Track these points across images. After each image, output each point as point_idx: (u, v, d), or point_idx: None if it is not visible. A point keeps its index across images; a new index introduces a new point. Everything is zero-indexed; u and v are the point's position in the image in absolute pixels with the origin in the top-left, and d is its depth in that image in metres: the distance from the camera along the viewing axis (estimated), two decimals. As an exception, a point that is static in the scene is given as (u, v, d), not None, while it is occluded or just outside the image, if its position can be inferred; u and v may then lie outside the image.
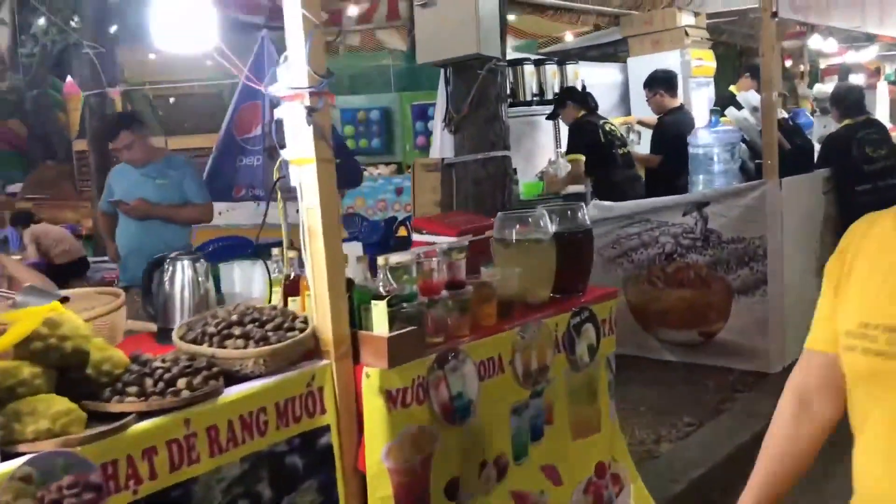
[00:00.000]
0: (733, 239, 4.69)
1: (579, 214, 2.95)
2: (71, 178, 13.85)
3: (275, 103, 6.32)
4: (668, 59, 7.45)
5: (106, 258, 9.31)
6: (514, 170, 5.75)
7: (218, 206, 10.59)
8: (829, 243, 5.20)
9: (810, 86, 9.38)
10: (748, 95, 5.37)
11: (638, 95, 7.39)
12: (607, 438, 2.97)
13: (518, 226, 2.77)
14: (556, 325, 2.74)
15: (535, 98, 5.98)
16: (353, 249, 2.54)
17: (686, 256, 4.87)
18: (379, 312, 2.19)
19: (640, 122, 6.54)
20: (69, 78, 13.95)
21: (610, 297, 3.01)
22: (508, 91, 5.80)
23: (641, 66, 7.67)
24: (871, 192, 4.94)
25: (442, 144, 5.37)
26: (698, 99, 7.44)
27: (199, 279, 2.46)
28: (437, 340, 2.37)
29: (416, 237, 3.26)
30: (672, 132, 5.66)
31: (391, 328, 2.19)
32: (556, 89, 6.19)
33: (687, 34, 7.45)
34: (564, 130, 6.78)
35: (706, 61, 7.71)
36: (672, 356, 5.04)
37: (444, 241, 3.14)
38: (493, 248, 2.82)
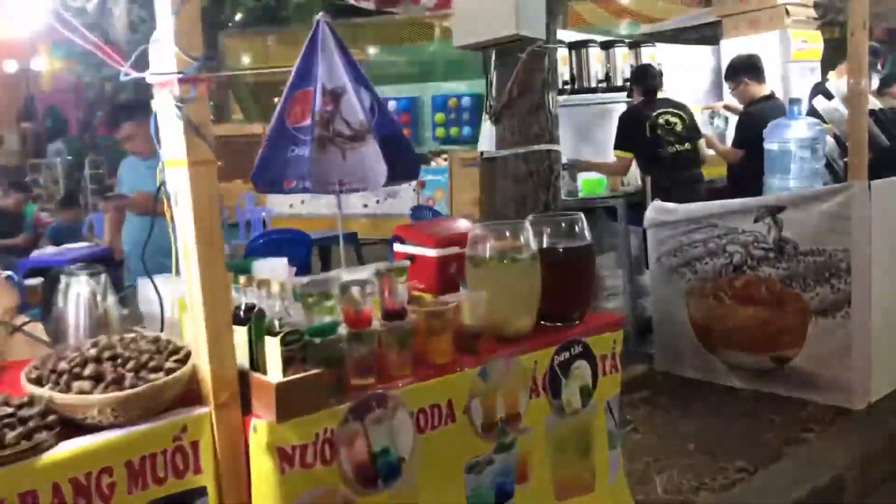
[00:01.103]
0: (812, 251, 4.00)
1: (577, 227, 2.45)
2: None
3: (328, 90, 5.82)
4: (766, 42, 6.68)
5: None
6: (570, 164, 5.22)
7: (292, 198, 10.33)
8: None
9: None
10: (840, 83, 4.62)
11: (734, 81, 6.66)
12: (605, 500, 2.46)
13: (493, 240, 2.29)
14: (534, 362, 2.26)
15: (600, 84, 5.40)
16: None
17: (757, 269, 4.22)
18: (271, 350, 1.78)
19: (728, 108, 5.83)
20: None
21: (613, 327, 2.49)
22: (570, 77, 5.27)
23: (736, 48, 6.89)
24: None
25: (489, 136, 4.90)
26: (802, 87, 6.61)
27: (98, 297, 2.11)
28: (362, 384, 1.94)
29: (397, 248, 2.83)
30: (758, 125, 4.95)
31: (287, 370, 1.77)
32: (628, 74, 5.58)
33: (788, 13, 6.63)
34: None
35: (812, 43, 6.86)
36: (739, 382, 4.39)
37: (426, 252, 2.71)
38: (466, 267, 2.35)
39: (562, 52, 5.26)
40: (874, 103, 4.33)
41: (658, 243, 4.62)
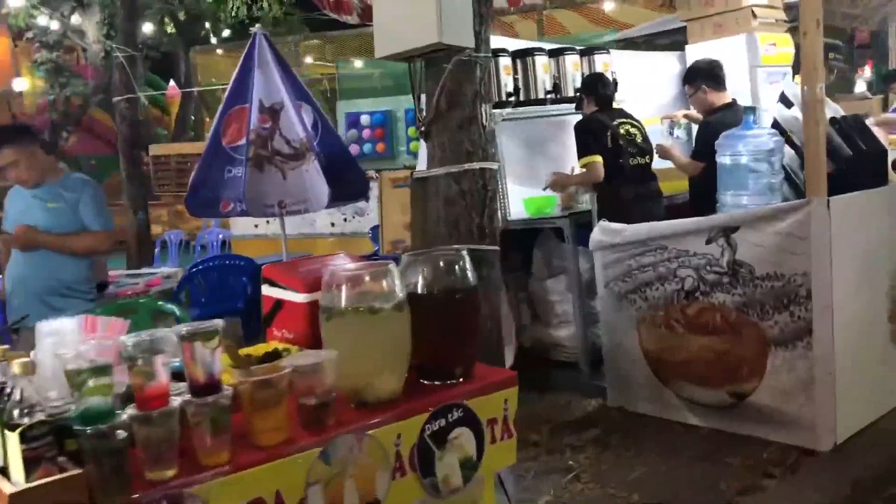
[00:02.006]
0: (769, 275, 3.62)
1: (459, 266, 2.06)
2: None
3: (265, 106, 5.38)
4: (732, 46, 6.32)
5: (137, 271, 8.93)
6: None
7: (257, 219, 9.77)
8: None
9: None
10: (798, 89, 4.24)
11: (697, 89, 6.30)
12: (496, 592, 2.06)
13: (349, 285, 1.90)
14: (398, 435, 1.87)
15: (549, 95, 5.02)
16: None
17: (711, 295, 3.83)
18: (12, 449, 1.39)
19: (688, 117, 5.45)
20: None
21: (505, 384, 2.10)
22: (514, 88, 4.90)
23: (701, 53, 6.52)
24: None
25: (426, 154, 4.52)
26: (771, 94, 6.24)
27: None
28: (159, 478, 1.54)
29: (265, 291, 2.44)
30: (719, 135, 4.57)
31: (33, 473, 1.38)
32: (580, 84, 5.20)
33: (755, 15, 6.27)
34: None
35: (781, 47, 6.49)
36: (696, 419, 4.00)
37: (294, 297, 2.33)
38: (320, 318, 1.96)
39: (505, 62, 4.88)
40: (836, 110, 3.96)
41: (606, 267, 4.24)
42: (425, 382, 2.03)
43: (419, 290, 2.01)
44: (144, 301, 3.49)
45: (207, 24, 17.70)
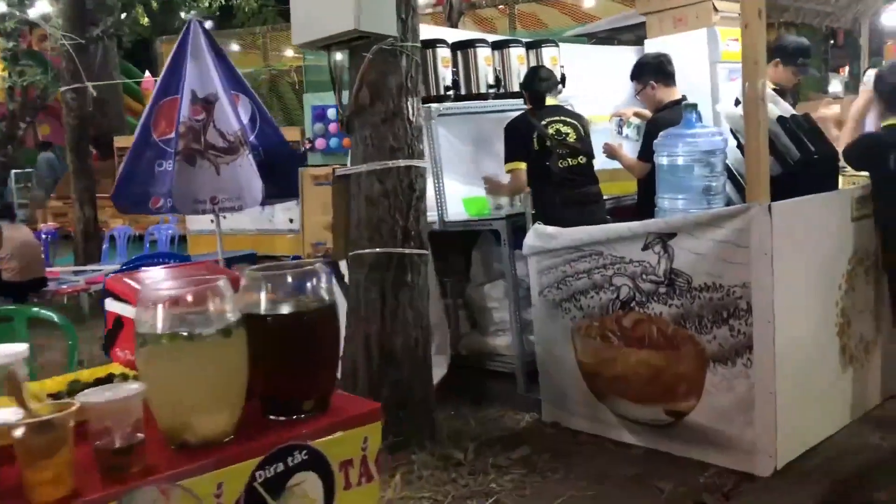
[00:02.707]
0: (707, 286, 3.35)
1: (312, 282, 1.77)
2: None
3: (199, 98, 5.03)
4: (692, 41, 6.06)
5: (86, 268, 8.58)
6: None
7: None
8: (863, 292, 3.78)
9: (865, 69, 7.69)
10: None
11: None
12: None
13: (164, 306, 1.60)
14: (217, 484, 1.58)
15: (491, 90, 4.74)
16: None
17: (647, 306, 3.56)
18: None
19: (638, 115, 5.18)
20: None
21: (366, 419, 1.81)
22: (452, 82, 4.60)
23: (660, 48, 6.28)
24: None
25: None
26: (732, 91, 5.98)
27: None
28: None
29: (108, 306, 2.14)
30: (667, 133, 4.29)
31: None
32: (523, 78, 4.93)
33: (716, 9, 6.01)
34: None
35: (744, 43, 6.23)
36: (632, 438, 3.74)
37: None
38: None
39: (444, 54, 4.59)
40: (786, 109, 3.70)
41: (540, 274, 3.96)
42: (271, 418, 1.75)
43: (261, 311, 1.72)
44: (20, 308, 3.18)
45: (183, 14, 17.33)
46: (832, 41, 11.99)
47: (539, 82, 4.34)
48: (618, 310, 3.67)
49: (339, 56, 3.82)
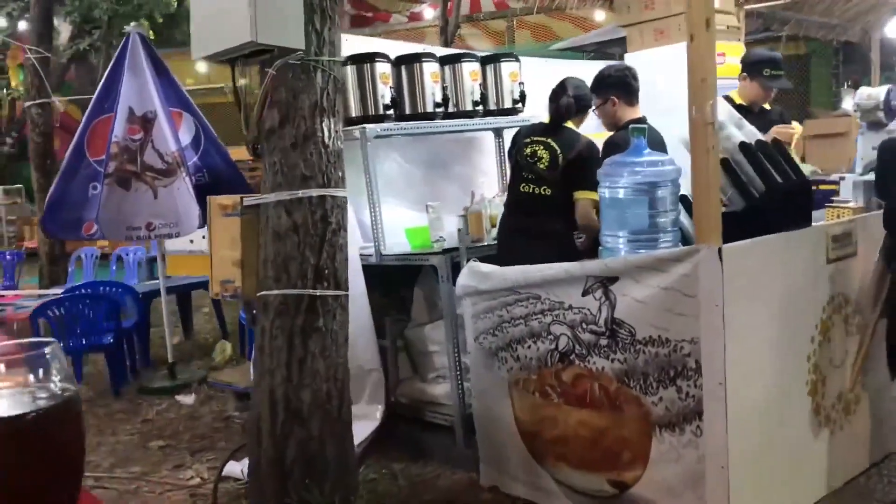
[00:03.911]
0: (652, 339, 2.88)
1: (44, 371, 1.33)
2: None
3: (136, 115, 4.52)
4: (674, 55, 5.55)
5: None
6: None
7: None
8: (842, 344, 3.29)
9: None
10: (724, 104, 3.51)
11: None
12: None
13: None
14: None
15: (438, 109, 4.29)
16: None
17: (588, 359, 3.10)
18: None
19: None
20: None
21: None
22: (391, 100, 4.17)
23: (641, 62, 5.82)
24: None
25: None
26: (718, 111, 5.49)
27: None
28: None
29: None
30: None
31: None
32: (478, 96, 4.48)
33: (700, 22, 5.53)
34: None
35: (733, 57, 5.75)
36: (575, 509, 3.26)
37: None
38: None
39: (383, 70, 4.16)
40: (751, 133, 3.23)
41: (475, 318, 3.51)
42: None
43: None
44: None
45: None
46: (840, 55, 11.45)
47: (553, 99, 3.89)
48: (557, 362, 3.21)
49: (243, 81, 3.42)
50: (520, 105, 4.66)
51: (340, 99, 3.47)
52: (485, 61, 4.65)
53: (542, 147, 3.81)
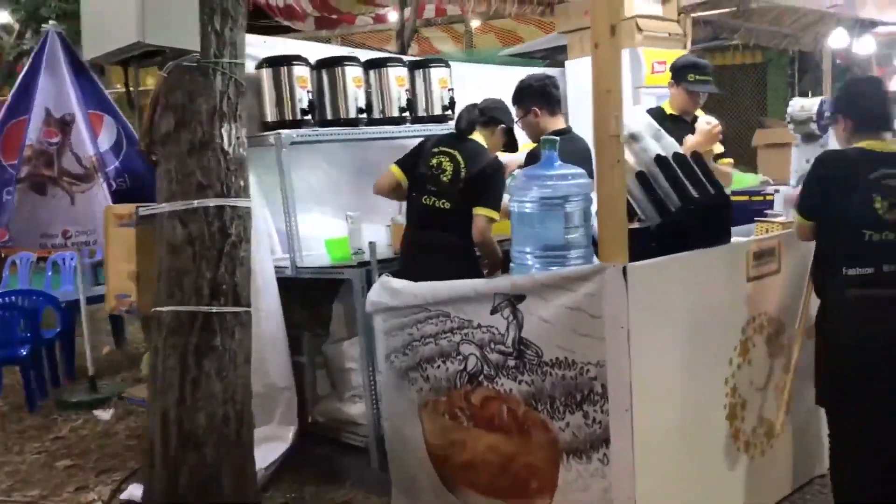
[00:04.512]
0: (558, 361, 2.74)
1: None
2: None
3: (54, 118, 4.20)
4: (614, 63, 5.47)
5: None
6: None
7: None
8: (764, 366, 3.17)
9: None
10: (640, 114, 3.36)
11: (577, 108, 5.47)
12: None
13: None
14: None
15: (361, 115, 4.12)
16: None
17: (496, 381, 2.94)
18: None
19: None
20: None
21: None
22: (308, 104, 3.99)
23: (581, 70, 5.70)
24: (874, 281, 2.78)
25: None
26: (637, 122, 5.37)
27: None
28: None
29: None
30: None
31: None
32: (405, 102, 4.31)
33: (639, 28, 5.42)
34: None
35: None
36: (484, 538, 3.10)
37: None
38: None
39: (300, 73, 3.98)
40: (669, 146, 3.09)
41: (387, 335, 3.35)
42: None
43: None
44: None
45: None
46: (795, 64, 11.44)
47: (464, 111, 3.73)
48: (466, 384, 3.05)
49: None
50: (450, 112, 4.50)
51: (245, 103, 3.29)
52: (414, 66, 4.48)
53: (447, 159, 3.64)
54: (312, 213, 4.28)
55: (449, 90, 4.50)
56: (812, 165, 2.98)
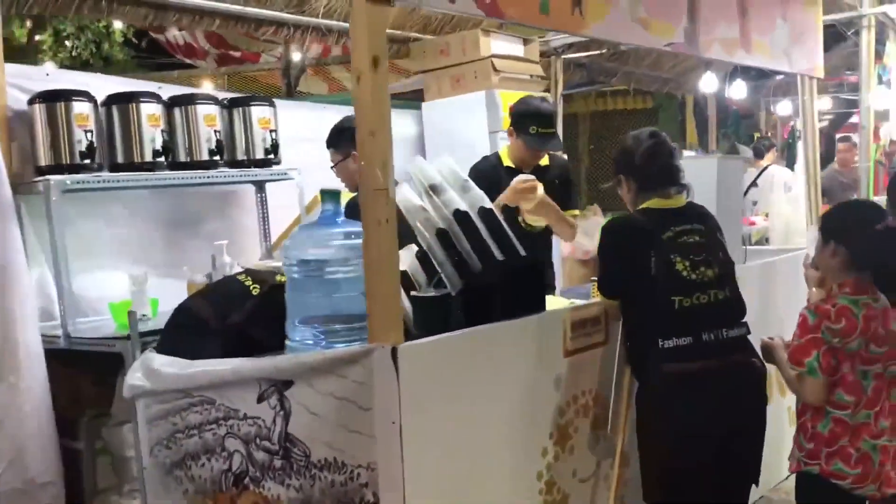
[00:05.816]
0: (327, 463, 2.24)
1: None
2: None
3: None
4: (469, 105, 5.13)
5: None
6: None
7: None
8: (588, 454, 2.73)
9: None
10: (443, 164, 2.92)
11: (435, 151, 5.10)
12: None
13: None
14: None
15: (159, 158, 3.55)
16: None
17: (262, 483, 2.42)
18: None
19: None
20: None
21: None
22: (86, 147, 3.43)
23: (438, 112, 5.35)
24: (693, 352, 2.41)
25: None
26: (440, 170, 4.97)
27: None
28: None
29: None
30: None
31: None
32: (214, 144, 3.80)
33: (496, 68, 5.09)
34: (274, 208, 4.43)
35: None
36: None
37: None
38: None
39: (81, 110, 3.41)
40: (477, 200, 2.67)
41: (149, 424, 2.78)
42: None
43: None
44: None
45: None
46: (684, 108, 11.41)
47: None
48: (231, 486, 2.51)
49: None
50: (272, 156, 4.01)
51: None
52: (232, 104, 3.99)
53: None
54: (104, 270, 3.71)
55: (271, 132, 4.01)
56: (600, 238, 2.63)
